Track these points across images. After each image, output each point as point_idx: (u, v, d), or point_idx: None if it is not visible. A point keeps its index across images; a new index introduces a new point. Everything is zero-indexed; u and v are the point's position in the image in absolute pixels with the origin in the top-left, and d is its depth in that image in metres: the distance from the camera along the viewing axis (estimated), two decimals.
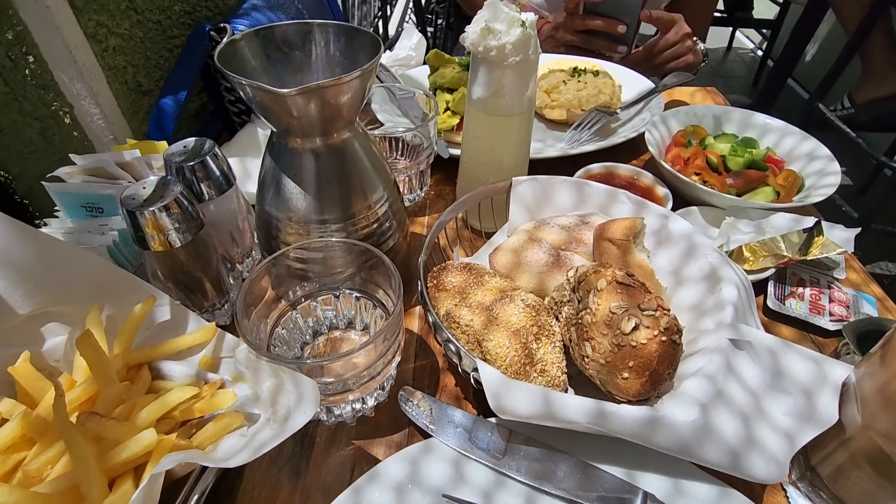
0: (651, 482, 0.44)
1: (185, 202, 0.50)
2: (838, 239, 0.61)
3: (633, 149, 0.88)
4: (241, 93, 0.44)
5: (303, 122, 0.46)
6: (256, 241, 0.63)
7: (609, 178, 0.78)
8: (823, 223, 0.62)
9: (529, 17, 0.54)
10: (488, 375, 0.41)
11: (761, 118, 0.83)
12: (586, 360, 0.41)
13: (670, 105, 1.03)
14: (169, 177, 0.51)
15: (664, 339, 0.38)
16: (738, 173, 0.73)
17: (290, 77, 0.50)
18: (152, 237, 0.49)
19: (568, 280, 0.44)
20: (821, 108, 2.35)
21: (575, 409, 0.39)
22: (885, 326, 0.52)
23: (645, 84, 0.98)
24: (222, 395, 0.41)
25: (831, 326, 0.59)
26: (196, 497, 0.35)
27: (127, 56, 0.71)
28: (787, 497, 0.46)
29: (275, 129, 0.49)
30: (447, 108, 0.85)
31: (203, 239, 0.53)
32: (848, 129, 2.24)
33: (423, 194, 0.78)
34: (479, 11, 0.54)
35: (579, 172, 0.77)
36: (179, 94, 0.67)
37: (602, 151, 0.84)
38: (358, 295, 0.54)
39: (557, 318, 0.47)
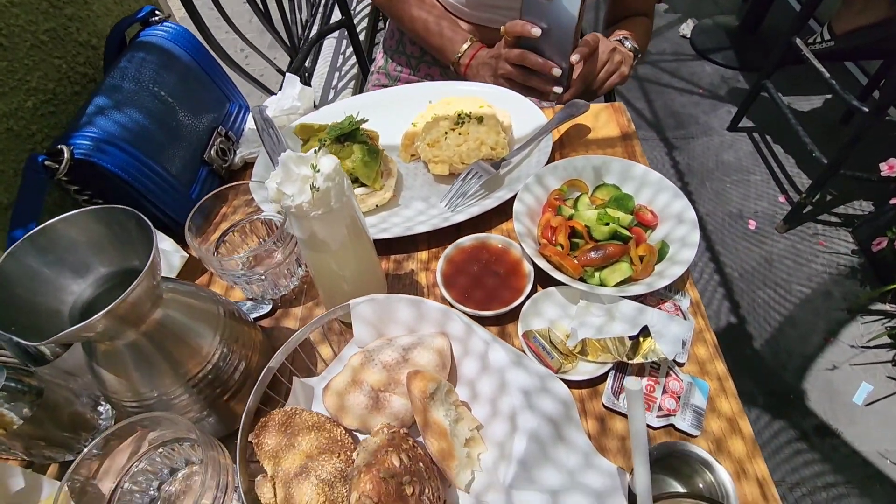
0: None
1: (15, 385, 0.54)
2: (665, 344, 0.63)
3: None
4: None
5: (95, 335, 0.48)
6: None
7: (480, 251, 0.78)
8: (652, 321, 0.64)
9: (327, 166, 0.53)
10: None
11: (640, 170, 0.81)
12: None
13: (570, 132, 0.99)
14: None
15: None
16: (599, 247, 0.73)
17: (78, 272, 0.51)
18: None
19: (351, 461, 0.48)
20: (797, 43, 2.20)
21: None
22: (676, 449, 0.56)
23: (540, 119, 0.94)
24: None
25: (656, 423, 0.62)
26: None
27: None
28: None
29: None
30: None
31: (47, 402, 0.57)
32: (822, 69, 2.11)
33: (297, 281, 0.80)
34: (276, 167, 0.53)
35: (451, 247, 0.78)
36: (29, 226, 0.68)
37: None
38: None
39: None
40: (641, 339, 0.63)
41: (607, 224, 0.75)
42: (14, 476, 0.55)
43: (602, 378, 0.67)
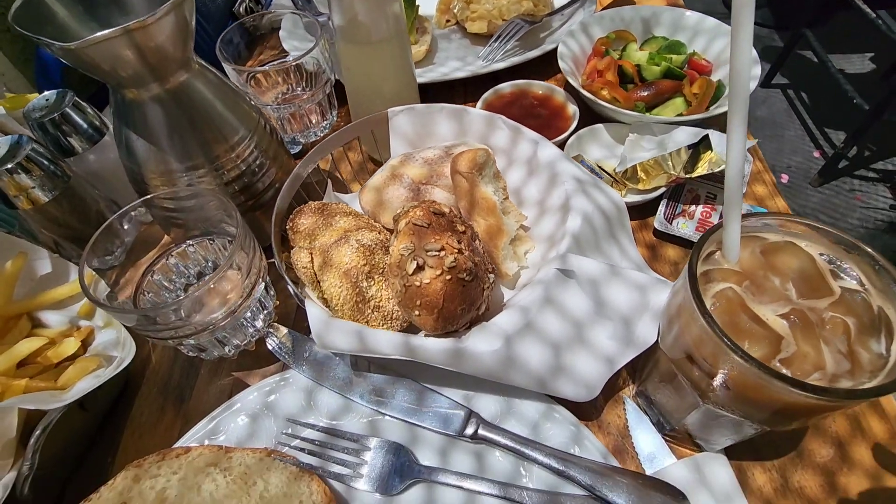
0: (486, 403, 0.47)
1: (42, 159, 0.51)
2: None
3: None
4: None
5: (124, 72, 0.45)
6: None
7: (521, 97, 0.74)
8: (713, 136, 0.59)
9: None
10: (312, 316, 0.43)
11: (694, 18, 0.76)
12: (391, 300, 0.42)
13: (616, 3, 0.94)
14: (22, 136, 0.51)
15: (449, 277, 0.38)
16: (650, 84, 0.69)
17: (114, 19, 0.49)
18: (15, 197, 0.51)
19: (395, 218, 0.45)
20: None
21: (386, 343, 0.41)
22: None
23: None
24: (66, 344, 0.46)
25: None
26: (39, 430, 0.40)
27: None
28: (625, 408, 0.49)
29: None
30: None
31: (74, 191, 0.55)
32: (868, 9, 2.02)
33: (330, 125, 0.77)
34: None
35: (488, 92, 0.74)
36: None
37: (526, 65, 0.79)
38: (230, 238, 0.56)
39: None
40: (702, 151, 0.58)
41: (658, 65, 0.70)
42: (42, 258, 0.53)
43: (652, 209, 0.62)
